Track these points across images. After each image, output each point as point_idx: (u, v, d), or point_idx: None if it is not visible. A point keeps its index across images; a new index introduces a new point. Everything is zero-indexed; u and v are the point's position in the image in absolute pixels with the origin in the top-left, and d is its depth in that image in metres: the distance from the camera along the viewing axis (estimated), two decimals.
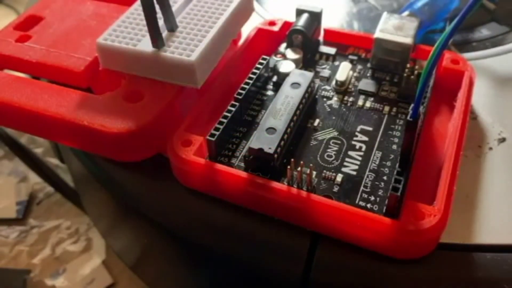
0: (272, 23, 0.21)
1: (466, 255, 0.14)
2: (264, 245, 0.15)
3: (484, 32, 0.23)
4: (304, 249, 0.15)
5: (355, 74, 0.19)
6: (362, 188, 0.15)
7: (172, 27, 0.17)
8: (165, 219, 0.16)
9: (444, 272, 0.14)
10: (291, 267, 0.15)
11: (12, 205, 0.33)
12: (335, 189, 0.15)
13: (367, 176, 0.15)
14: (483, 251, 0.15)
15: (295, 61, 0.19)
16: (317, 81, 0.19)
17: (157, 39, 0.16)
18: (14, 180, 0.35)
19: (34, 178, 0.34)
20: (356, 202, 0.15)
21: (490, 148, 0.18)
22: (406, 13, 0.22)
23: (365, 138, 0.17)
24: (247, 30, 0.21)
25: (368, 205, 0.15)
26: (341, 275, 0.14)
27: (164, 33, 0.17)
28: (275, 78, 0.19)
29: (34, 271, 0.30)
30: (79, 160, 0.20)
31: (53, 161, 0.35)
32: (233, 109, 0.16)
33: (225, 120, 0.16)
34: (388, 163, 0.16)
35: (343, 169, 0.16)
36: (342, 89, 0.19)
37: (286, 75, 0.18)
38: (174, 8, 0.18)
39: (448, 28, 0.12)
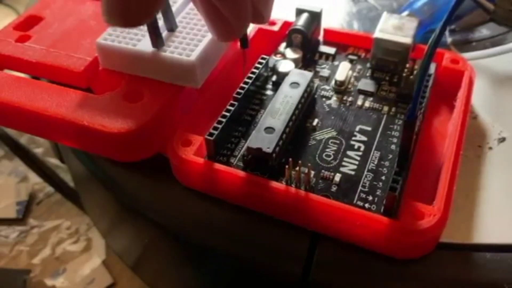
0: (272, 23, 0.21)
1: (466, 254, 0.14)
2: (264, 245, 0.15)
3: (484, 32, 0.23)
4: (304, 249, 0.15)
5: (354, 74, 0.19)
6: (360, 188, 0.15)
7: (172, 27, 0.17)
8: (165, 219, 0.16)
9: (443, 272, 0.14)
10: (290, 267, 0.15)
11: (12, 205, 0.33)
12: (333, 188, 0.15)
13: (366, 176, 0.15)
14: (482, 251, 0.15)
15: (294, 60, 0.19)
16: (317, 81, 0.19)
17: (157, 39, 0.16)
18: (14, 180, 0.35)
19: (34, 178, 0.34)
20: (354, 201, 0.15)
21: (490, 148, 0.18)
22: (405, 13, 0.22)
23: (363, 138, 0.17)
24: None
25: (366, 205, 0.15)
26: (340, 274, 0.14)
27: (164, 33, 0.17)
28: (274, 78, 0.19)
29: (34, 271, 0.30)
30: (79, 160, 0.20)
31: (53, 161, 0.35)
32: (232, 108, 0.16)
33: (224, 120, 0.16)
34: (387, 163, 0.16)
35: (342, 169, 0.16)
36: (342, 88, 0.19)
37: (285, 74, 0.18)
38: (174, 8, 0.18)
39: (437, 27, 0.12)
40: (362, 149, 0.16)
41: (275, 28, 0.21)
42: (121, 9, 0.12)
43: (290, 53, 0.20)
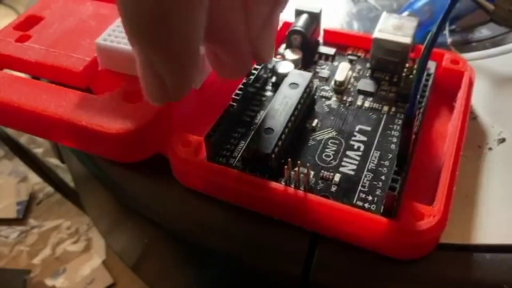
0: None
1: (466, 255, 0.14)
2: (263, 245, 0.15)
3: (483, 32, 0.23)
4: (304, 249, 0.15)
5: (354, 74, 0.19)
6: (360, 188, 0.15)
7: None
8: (164, 219, 0.16)
9: (443, 272, 0.14)
10: (290, 267, 0.15)
11: (12, 205, 0.33)
12: (333, 189, 0.15)
13: (365, 176, 0.15)
14: (482, 251, 0.14)
15: (294, 61, 0.19)
16: (316, 81, 0.19)
17: None
18: (14, 180, 0.35)
19: (34, 178, 0.34)
20: (354, 201, 0.15)
21: (490, 148, 0.18)
22: (406, 13, 0.22)
23: (363, 138, 0.17)
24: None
25: (366, 205, 0.15)
26: (340, 274, 0.14)
27: None
28: (274, 79, 0.19)
29: (34, 271, 0.30)
30: (79, 160, 0.20)
31: (53, 161, 0.35)
32: (231, 109, 0.16)
33: (223, 121, 0.16)
34: (386, 163, 0.16)
35: (341, 169, 0.16)
36: (341, 89, 0.19)
37: (285, 75, 0.18)
38: None
39: (435, 25, 0.12)
40: (361, 149, 0.16)
41: None
42: (159, 95, 0.13)
43: (289, 54, 0.20)
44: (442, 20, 0.12)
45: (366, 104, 0.18)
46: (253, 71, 0.18)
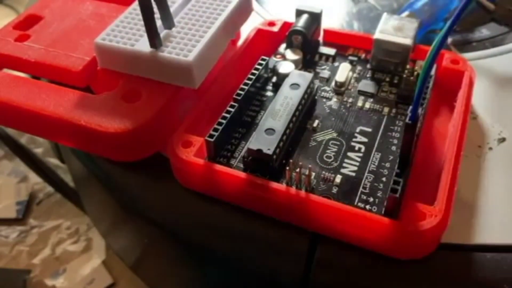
0: (271, 24, 0.21)
1: (467, 255, 0.14)
2: (264, 246, 0.15)
3: (484, 32, 0.23)
4: (304, 250, 0.15)
5: (354, 75, 0.19)
6: (361, 189, 0.15)
7: (169, 26, 0.17)
8: (165, 219, 0.16)
9: (444, 272, 0.14)
10: (291, 268, 0.15)
11: (12, 205, 0.33)
12: (334, 190, 0.15)
13: (366, 178, 0.15)
14: (483, 251, 0.14)
15: (294, 62, 0.19)
16: (317, 82, 0.19)
17: (154, 39, 0.16)
18: (14, 180, 0.35)
19: (34, 178, 0.34)
20: (355, 203, 0.15)
21: (490, 148, 0.18)
22: (406, 13, 0.22)
23: (364, 139, 0.17)
24: (247, 30, 0.21)
25: (367, 206, 0.15)
26: (341, 275, 0.14)
27: (162, 33, 0.17)
28: (274, 79, 0.19)
29: (34, 271, 0.30)
30: (79, 160, 0.20)
31: (53, 161, 0.35)
32: (232, 109, 0.16)
33: (224, 121, 0.16)
34: (387, 165, 0.16)
35: (342, 170, 0.16)
36: (342, 90, 0.19)
37: (285, 76, 0.18)
38: (172, 8, 0.18)
39: (443, 30, 0.12)
40: (362, 150, 0.16)
41: (275, 29, 0.21)
42: None
43: (290, 54, 0.19)
44: (451, 25, 0.12)
45: (367, 105, 0.18)
46: (254, 71, 0.18)
